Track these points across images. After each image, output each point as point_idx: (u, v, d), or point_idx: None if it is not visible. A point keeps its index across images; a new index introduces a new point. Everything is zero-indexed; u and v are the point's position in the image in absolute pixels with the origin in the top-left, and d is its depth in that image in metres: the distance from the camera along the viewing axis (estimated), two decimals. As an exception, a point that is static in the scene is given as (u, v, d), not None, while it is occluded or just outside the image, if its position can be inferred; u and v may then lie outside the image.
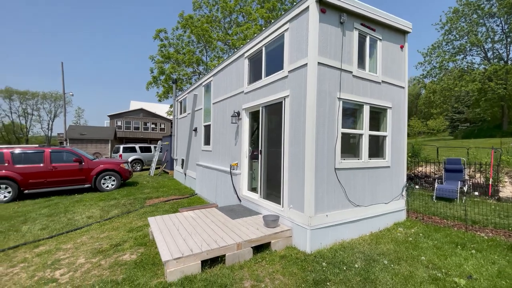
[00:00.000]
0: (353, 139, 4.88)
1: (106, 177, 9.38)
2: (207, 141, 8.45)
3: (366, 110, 4.76)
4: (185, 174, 10.65)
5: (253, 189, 5.95)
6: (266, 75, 5.27)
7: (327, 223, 4.13)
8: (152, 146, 18.55)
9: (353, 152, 4.85)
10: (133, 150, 17.57)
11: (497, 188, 7.31)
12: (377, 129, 5.12)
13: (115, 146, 18.66)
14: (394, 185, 5.27)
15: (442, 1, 32.15)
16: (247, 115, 6.02)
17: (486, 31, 25.65)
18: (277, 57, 4.88)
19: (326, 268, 3.39)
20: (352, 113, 4.80)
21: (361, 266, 3.44)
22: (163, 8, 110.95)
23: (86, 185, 9.01)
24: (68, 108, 55.99)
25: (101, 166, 9.35)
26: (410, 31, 5.35)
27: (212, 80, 8.08)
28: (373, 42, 4.89)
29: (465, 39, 26.42)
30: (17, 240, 4.66)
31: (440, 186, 7.29)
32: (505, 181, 7.48)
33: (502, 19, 24.47)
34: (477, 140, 19.93)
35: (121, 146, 17.39)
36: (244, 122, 6.01)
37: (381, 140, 5.20)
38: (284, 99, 4.61)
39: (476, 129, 29.72)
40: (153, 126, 38.42)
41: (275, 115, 5.06)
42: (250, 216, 4.99)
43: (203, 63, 21.21)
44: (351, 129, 4.72)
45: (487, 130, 27.17)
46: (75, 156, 8.91)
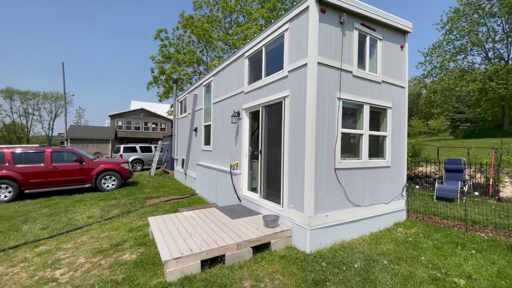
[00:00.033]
0: (353, 139, 4.88)
1: (106, 177, 9.39)
2: (207, 141, 8.46)
3: (366, 110, 4.76)
4: (186, 174, 10.67)
5: (253, 189, 5.95)
6: (266, 75, 5.27)
7: (327, 223, 4.13)
8: (153, 146, 18.57)
9: (353, 152, 4.84)
10: (133, 150, 17.59)
11: (498, 188, 7.30)
12: (377, 129, 5.12)
13: (116, 146, 18.69)
14: (394, 185, 5.27)
15: (442, 0, 32.14)
16: (247, 115, 6.02)
17: (486, 31, 25.58)
18: (277, 57, 4.88)
19: (325, 268, 3.39)
20: (352, 113, 4.80)
21: (361, 266, 3.44)
22: (164, 8, 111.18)
23: (86, 185, 9.03)
24: (69, 108, 56.00)
25: (102, 166, 9.36)
26: (411, 31, 5.34)
27: (212, 80, 8.08)
28: (373, 42, 4.89)
29: (466, 39, 26.35)
30: (17, 239, 4.68)
31: (440, 186, 7.28)
32: (506, 181, 7.47)
33: (503, 19, 24.41)
34: (477, 140, 19.89)
35: (122, 146, 17.41)
36: (244, 122, 6.01)
37: (381, 140, 5.20)
38: (284, 99, 4.61)
39: (477, 129, 29.65)
40: (154, 126, 38.44)
41: (275, 115, 5.06)
42: (250, 216, 4.99)
43: (204, 63, 21.21)
44: (351, 129, 4.72)
45: (488, 130, 27.11)
46: (75, 156, 8.93)
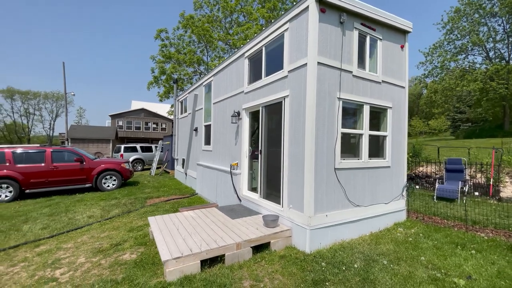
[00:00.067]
0: (353, 139, 4.87)
1: (107, 177, 9.41)
2: (207, 141, 8.46)
3: (366, 110, 4.75)
4: (186, 173, 10.67)
5: (253, 189, 5.95)
6: (266, 75, 5.27)
7: (326, 223, 4.13)
8: (153, 146, 18.59)
9: (353, 152, 4.84)
10: (134, 150, 17.61)
11: (498, 188, 7.29)
12: (377, 129, 5.11)
13: (116, 145, 18.71)
14: (394, 185, 5.26)
15: (443, 0, 32.11)
16: (247, 115, 6.02)
17: (487, 31, 25.52)
18: (277, 57, 4.88)
19: (325, 268, 3.39)
20: (352, 113, 4.80)
21: (361, 266, 3.43)
22: (164, 8, 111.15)
23: (87, 185, 9.04)
24: (69, 108, 55.81)
25: (102, 165, 9.38)
26: (411, 30, 5.33)
27: (212, 80, 8.08)
28: (373, 41, 4.88)
29: (467, 39, 26.30)
30: (18, 239, 4.69)
31: (440, 186, 7.28)
32: (506, 181, 7.46)
33: (504, 18, 24.35)
34: (478, 140, 19.84)
35: (122, 146, 17.43)
36: (244, 122, 6.01)
37: (381, 140, 5.19)
38: (284, 99, 4.61)
39: (478, 129, 29.58)
40: (154, 126, 38.45)
41: (275, 115, 5.06)
42: (250, 216, 4.99)
43: (204, 63, 21.22)
44: (351, 129, 4.72)
45: (489, 130, 27.04)
46: (76, 156, 8.95)
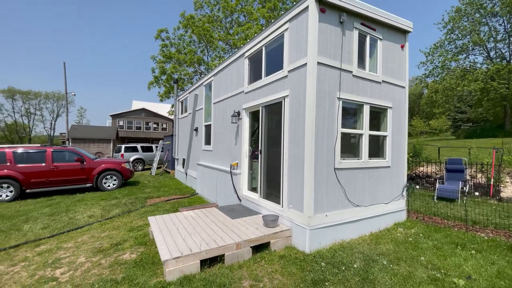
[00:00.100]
0: (353, 139, 4.87)
1: (107, 177, 9.42)
2: (207, 141, 8.47)
3: (366, 110, 4.75)
4: (186, 173, 10.68)
5: (253, 188, 5.95)
6: (266, 75, 5.27)
7: (326, 223, 4.13)
8: (154, 146, 18.61)
9: (353, 152, 4.84)
10: (134, 149, 17.63)
11: (499, 188, 7.28)
12: (377, 129, 5.11)
13: (117, 145, 18.74)
14: (394, 185, 5.26)
15: (444, 0, 32.01)
16: (247, 115, 6.02)
17: (488, 31, 25.47)
18: (277, 57, 4.88)
19: (325, 268, 3.39)
20: (352, 113, 4.80)
21: (360, 266, 3.43)
22: (164, 8, 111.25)
23: (87, 185, 9.06)
24: (70, 108, 56.01)
25: (103, 165, 9.39)
26: (411, 30, 5.33)
27: (212, 80, 8.09)
28: (373, 41, 4.88)
29: (468, 39, 26.24)
30: (18, 239, 4.70)
31: (441, 186, 7.27)
32: (507, 181, 7.44)
33: (505, 18, 24.30)
34: (479, 140, 19.81)
35: (123, 146, 17.45)
36: (244, 122, 6.01)
37: (381, 140, 5.19)
38: (284, 99, 4.61)
39: (479, 129, 29.54)
40: (155, 126, 38.48)
41: (275, 115, 5.06)
42: (250, 216, 5.00)
43: (205, 63, 21.23)
44: (351, 129, 4.72)
45: (490, 130, 26.99)
46: (76, 156, 8.96)
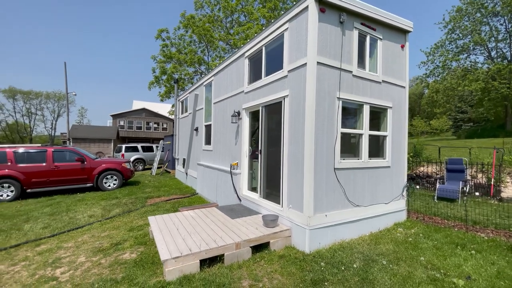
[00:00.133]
0: (353, 139, 4.87)
1: (108, 177, 9.44)
2: (208, 141, 8.47)
3: (366, 110, 4.75)
4: (187, 173, 10.69)
5: (253, 188, 5.95)
6: (266, 75, 5.27)
7: (326, 223, 4.13)
8: (154, 146, 18.63)
9: (353, 152, 4.83)
10: (135, 149, 17.65)
11: (499, 188, 7.26)
12: (377, 129, 5.11)
13: (118, 145, 18.78)
14: (394, 185, 5.25)
15: (445, 0, 31.97)
16: (247, 114, 6.03)
17: (489, 30, 25.38)
18: (276, 57, 4.88)
19: (324, 268, 3.39)
20: (352, 113, 4.79)
21: (360, 266, 3.43)
22: (164, 8, 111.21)
23: (88, 184, 9.07)
24: (71, 107, 56.13)
25: (103, 165, 9.41)
26: (411, 30, 5.32)
27: (213, 80, 8.09)
28: (374, 41, 4.88)
29: (469, 38, 26.16)
30: (19, 238, 4.71)
31: (441, 186, 7.25)
32: (507, 181, 7.43)
33: (506, 18, 24.22)
34: (480, 140, 19.76)
35: (123, 146, 17.48)
36: (244, 122, 6.02)
37: (381, 140, 5.18)
38: (284, 99, 4.61)
39: (480, 129, 29.47)
40: (156, 125, 38.54)
41: (275, 115, 5.06)
42: (249, 215, 5.00)
43: (205, 62, 21.24)
44: (351, 129, 4.71)
45: (491, 130, 26.92)
46: (77, 156, 8.98)
